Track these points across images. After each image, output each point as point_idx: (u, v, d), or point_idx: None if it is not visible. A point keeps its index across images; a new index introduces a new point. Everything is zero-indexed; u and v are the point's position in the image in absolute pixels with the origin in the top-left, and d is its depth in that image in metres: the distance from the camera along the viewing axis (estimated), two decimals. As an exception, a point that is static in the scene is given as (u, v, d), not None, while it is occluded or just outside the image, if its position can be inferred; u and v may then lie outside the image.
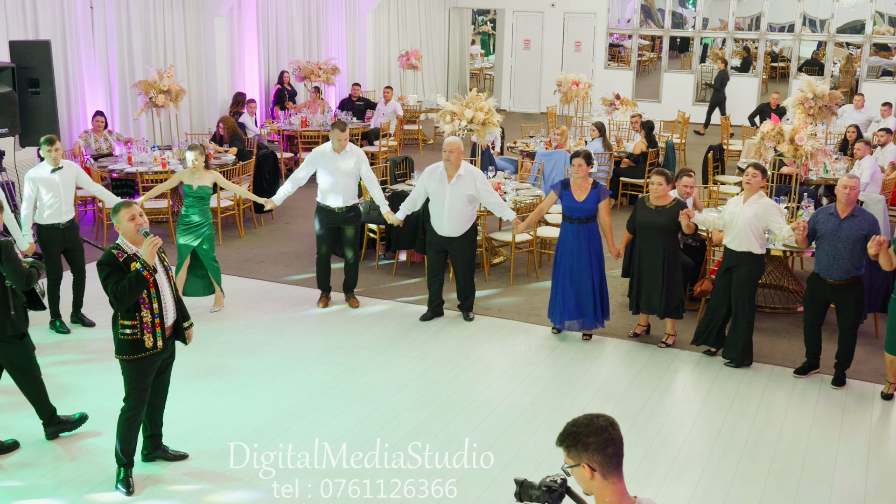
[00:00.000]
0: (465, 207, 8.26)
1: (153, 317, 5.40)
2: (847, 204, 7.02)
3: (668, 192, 7.83)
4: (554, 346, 8.10)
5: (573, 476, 3.07)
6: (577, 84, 15.39)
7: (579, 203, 7.86)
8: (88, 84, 12.66)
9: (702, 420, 6.74)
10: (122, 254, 5.35)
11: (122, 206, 5.43)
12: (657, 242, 7.83)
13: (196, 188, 8.40)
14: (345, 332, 8.24)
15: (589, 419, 3.02)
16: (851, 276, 7.05)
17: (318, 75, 15.85)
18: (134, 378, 5.47)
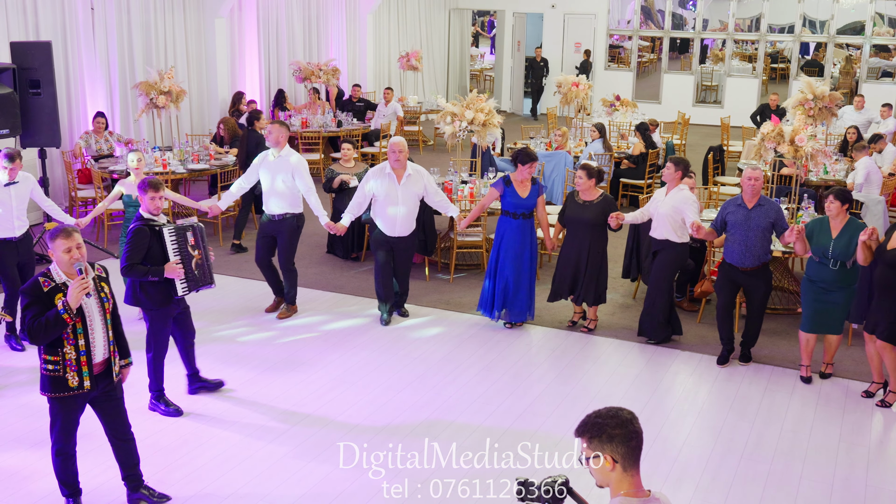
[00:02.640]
0: (415, 206, 8.29)
1: (78, 354, 4.95)
2: (753, 194, 7.39)
3: (592, 186, 8.10)
4: (553, 347, 8.11)
5: (590, 467, 3.07)
6: (577, 85, 15.39)
7: (523, 199, 8.11)
8: (89, 85, 12.67)
9: (702, 421, 6.75)
10: (48, 283, 4.90)
11: (60, 234, 4.93)
12: (584, 235, 8.11)
13: (135, 198, 7.94)
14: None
15: (613, 411, 3.04)
16: (762, 261, 7.42)
17: (319, 76, 15.86)
18: (57, 415, 5.08)
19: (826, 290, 7.14)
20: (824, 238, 7.07)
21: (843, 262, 7.01)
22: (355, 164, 10.56)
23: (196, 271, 6.53)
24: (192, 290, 6.55)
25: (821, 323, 7.24)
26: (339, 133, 14.70)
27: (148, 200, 6.33)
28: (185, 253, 6.44)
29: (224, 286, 9.28)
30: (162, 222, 6.46)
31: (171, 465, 5.90)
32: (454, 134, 10.26)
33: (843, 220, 7.06)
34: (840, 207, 7.02)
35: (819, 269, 7.12)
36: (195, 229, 6.60)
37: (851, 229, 7.00)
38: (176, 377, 6.94)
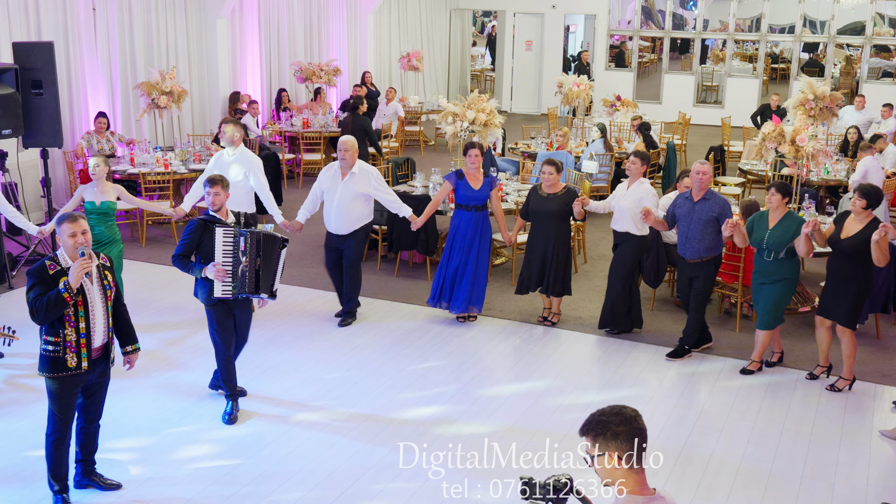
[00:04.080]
0: (355, 205, 8.21)
1: (78, 336, 5.11)
2: (700, 188, 7.56)
3: (558, 180, 8.24)
4: (556, 345, 8.13)
5: (596, 466, 3.09)
6: (578, 85, 15.40)
7: (476, 192, 8.26)
8: (91, 85, 12.68)
9: (703, 420, 6.76)
10: (54, 266, 5.08)
11: (66, 219, 5.12)
12: (548, 228, 8.24)
13: (99, 204, 7.82)
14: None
15: (617, 409, 3.07)
16: (703, 256, 7.58)
17: (320, 76, 15.87)
18: (56, 396, 5.21)
19: (762, 282, 7.37)
20: (761, 230, 7.32)
21: (776, 253, 7.22)
22: (357, 165, 10.56)
23: (243, 277, 6.23)
24: (236, 296, 6.27)
25: (758, 314, 7.46)
26: (340, 133, 14.69)
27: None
28: (234, 256, 6.19)
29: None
30: (223, 221, 6.28)
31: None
32: (455, 134, 10.27)
33: (782, 212, 7.28)
34: (780, 200, 7.25)
35: (757, 259, 7.40)
36: (251, 235, 6.24)
37: (787, 221, 7.23)
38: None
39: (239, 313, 6.51)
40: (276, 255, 6.39)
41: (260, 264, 6.28)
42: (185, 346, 7.93)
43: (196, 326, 8.35)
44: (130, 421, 6.51)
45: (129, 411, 6.64)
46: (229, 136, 8.28)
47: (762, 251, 7.29)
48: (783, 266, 7.27)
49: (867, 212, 6.93)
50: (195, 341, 8.01)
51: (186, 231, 6.29)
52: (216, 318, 6.41)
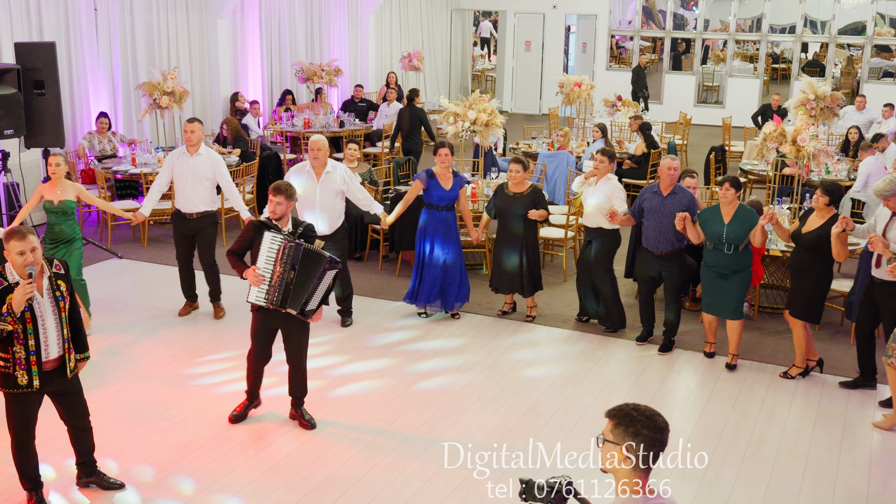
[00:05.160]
0: (335, 203, 8.24)
1: (27, 353, 4.93)
2: (669, 183, 7.72)
3: (525, 178, 8.29)
4: (557, 346, 8.14)
5: (604, 449, 3.10)
6: (579, 85, 15.41)
7: (447, 192, 8.34)
8: (92, 86, 12.70)
9: (704, 420, 6.77)
10: (1, 282, 4.88)
11: (13, 235, 4.86)
12: (516, 227, 8.31)
13: (58, 203, 7.69)
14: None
15: (651, 413, 3.07)
16: (675, 247, 7.78)
17: (321, 77, 15.89)
18: (11, 410, 5.08)
19: (721, 275, 7.50)
20: (717, 224, 7.42)
21: (736, 247, 7.37)
22: (358, 165, 10.59)
23: (277, 287, 6.01)
24: (267, 305, 6.07)
25: (717, 306, 7.61)
26: (341, 133, 14.71)
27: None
28: (272, 265, 6.02)
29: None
30: (276, 227, 6.09)
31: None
32: (457, 134, 10.28)
33: (734, 206, 7.43)
34: (734, 194, 7.40)
35: (714, 254, 7.50)
36: (293, 247, 5.99)
37: (743, 215, 7.39)
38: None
39: (285, 330, 6.27)
40: (317, 273, 6.03)
41: (293, 278, 5.99)
42: (187, 345, 7.94)
43: (197, 327, 8.36)
44: (132, 419, 6.52)
45: (129, 412, 6.65)
46: (198, 136, 8.30)
47: (720, 245, 7.42)
48: (742, 257, 7.46)
49: (829, 208, 7.12)
50: (196, 341, 8.03)
51: (244, 229, 6.23)
52: (252, 323, 6.31)
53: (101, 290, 9.23)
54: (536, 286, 8.59)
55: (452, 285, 8.51)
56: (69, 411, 5.36)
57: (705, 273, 7.63)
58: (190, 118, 8.42)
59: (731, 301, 7.53)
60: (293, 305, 6.06)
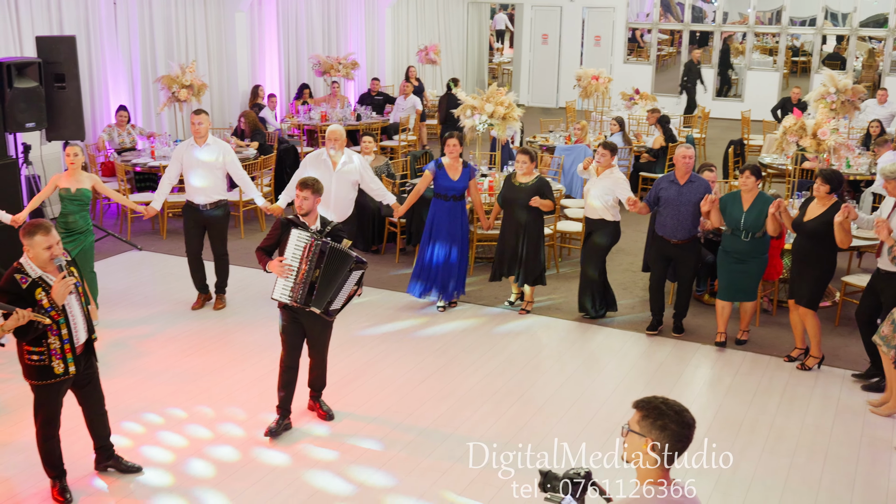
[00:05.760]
0: (350, 193, 8.36)
1: (62, 343, 5.08)
2: (685, 172, 7.84)
3: (532, 169, 8.33)
4: (574, 339, 8.14)
5: (628, 439, 3.10)
6: (597, 79, 15.35)
7: (454, 182, 8.40)
8: (112, 79, 12.77)
9: (723, 414, 6.75)
10: (25, 279, 4.96)
11: (38, 230, 4.98)
12: (520, 216, 8.34)
13: (75, 191, 7.78)
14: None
15: (680, 408, 3.07)
16: (691, 235, 7.88)
17: (338, 70, 15.90)
18: (42, 402, 5.21)
19: (739, 259, 7.61)
20: (736, 211, 7.55)
21: (753, 234, 7.49)
22: (375, 158, 10.60)
23: (302, 285, 5.93)
24: (291, 303, 5.98)
25: (735, 291, 7.74)
26: (358, 126, 14.74)
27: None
28: (298, 262, 5.93)
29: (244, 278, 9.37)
30: (304, 224, 6.03)
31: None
32: (474, 127, 10.27)
33: (754, 194, 7.54)
34: (754, 182, 7.53)
35: (732, 240, 7.61)
36: (319, 244, 5.92)
37: (761, 202, 7.49)
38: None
39: (308, 325, 6.21)
40: (343, 272, 5.94)
41: (318, 276, 5.92)
42: (204, 337, 7.98)
43: (214, 319, 8.41)
44: (151, 408, 6.57)
45: (152, 401, 6.70)
46: (206, 127, 8.36)
47: (738, 232, 7.53)
48: (759, 244, 7.57)
49: (830, 196, 7.21)
50: (214, 333, 8.07)
51: (273, 227, 6.15)
52: (281, 321, 6.22)
53: (119, 281, 9.29)
54: (537, 279, 8.52)
55: (452, 275, 8.56)
56: (89, 396, 5.48)
57: (722, 258, 7.73)
58: (196, 110, 8.48)
59: (746, 285, 7.68)
60: (317, 304, 5.99)
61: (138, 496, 5.52)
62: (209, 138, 8.39)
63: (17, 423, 6.32)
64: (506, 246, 8.49)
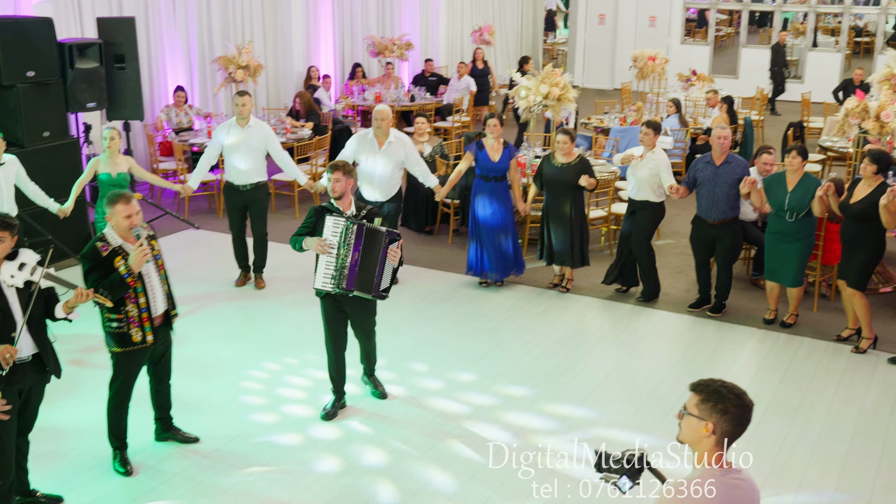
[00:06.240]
0: (395, 173, 8.35)
1: (140, 311, 5.27)
2: (721, 152, 7.82)
3: (572, 149, 8.33)
4: (628, 321, 8.09)
5: (685, 421, 3.08)
6: (654, 60, 15.15)
7: (495, 163, 8.40)
8: (170, 60, 12.95)
9: (778, 400, 6.66)
10: (106, 247, 5.17)
11: (119, 199, 5.18)
12: (564, 198, 8.35)
13: (115, 176, 7.94)
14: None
15: (739, 391, 3.06)
16: (728, 216, 7.86)
17: (392, 51, 15.92)
18: (119, 368, 5.41)
19: (783, 240, 7.61)
20: (781, 192, 7.52)
21: (798, 214, 7.45)
22: (429, 139, 10.62)
23: (343, 271, 5.87)
24: (337, 288, 5.90)
25: (778, 272, 7.72)
26: (412, 108, 14.76)
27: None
28: (335, 249, 5.87)
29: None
30: (338, 210, 5.98)
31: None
32: (528, 108, 10.22)
33: (800, 174, 7.49)
34: (801, 163, 7.47)
35: (777, 221, 7.61)
36: (355, 228, 5.87)
37: (806, 183, 7.45)
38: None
39: (352, 312, 6.20)
40: (378, 250, 5.89)
41: (358, 259, 5.87)
42: (256, 316, 8.11)
43: (271, 297, 8.52)
44: (207, 385, 6.70)
45: (207, 379, 6.83)
46: (249, 108, 8.42)
47: (782, 213, 7.52)
48: (804, 226, 7.53)
49: (876, 176, 7.16)
50: (271, 310, 8.19)
51: (306, 216, 6.11)
52: (323, 311, 6.19)
53: (177, 259, 9.45)
54: (584, 260, 8.59)
55: (502, 255, 8.59)
56: (161, 368, 5.68)
57: (768, 239, 7.76)
58: (239, 91, 8.57)
59: (791, 267, 7.63)
60: (362, 288, 5.92)
61: (197, 468, 5.66)
62: (251, 120, 8.46)
63: (78, 402, 6.49)
64: (553, 231, 8.50)
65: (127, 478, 5.53)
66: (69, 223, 8.56)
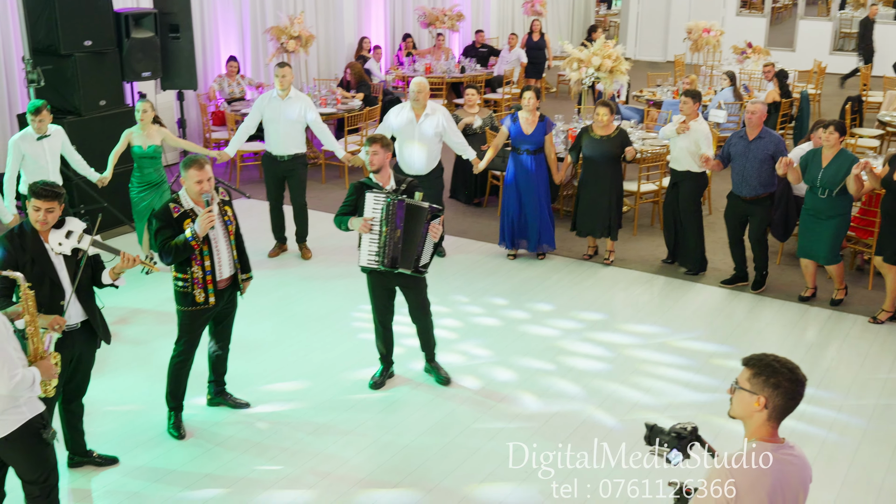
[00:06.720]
0: (433, 145, 8.33)
1: (204, 273, 5.40)
2: (753, 127, 7.70)
3: (612, 121, 8.32)
4: (678, 296, 8.03)
5: (735, 395, 3.07)
6: (708, 31, 14.90)
7: (528, 135, 8.39)
8: (223, 30, 13.04)
9: (829, 378, 6.59)
10: (178, 208, 5.35)
11: (192, 164, 5.32)
12: (603, 169, 8.35)
13: (146, 148, 8.02)
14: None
15: (792, 366, 3.05)
16: (759, 192, 7.76)
17: (443, 22, 15.85)
18: (184, 326, 5.57)
19: (815, 217, 7.48)
20: (815, 167, 7.41)
21: (831, 191, 7.31)
22: (479, 110, 10.57)
23: (386, 247, 5.86)
24: (381, 265, 5.91)
25: (810, 249, 7.59)
26: (462, 79, 14.70)
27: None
28: (378, 225, 5.86)
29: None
30: (377, 186, 5.96)
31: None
32: (580, 81, 10.14)
33: (836, 150, 7.35)
34: (837, 139, 7.32)
35: (811, 197, 7.50)
36: (395, 204, 5.84)
37: (841, 159, 7.31)
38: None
39: (402, 289, 6.17)
40: (421, 225, 5.86)
41: (401, 236, 5.85)
42: (312, 283, 8.20)
43: (321, 267, 8.60)
44: (257, 352, 6.81)
45: (257, 346, 6.94)
46: (289, 79, 8.46)
47: (816, 189, 7.40)
48: (837, 203, 7.38)
49: None
50: (322, 279, 8.27)
51: (347, 194, 6.10)
52: (369, 285, 6.19)
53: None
54: (613, 232, 8.60)
55: (535, 227, 8.60)
56: (222, 332, 5.82)
57: (803, 216, 7.67)
58: (280, 62, 8.61)
59: (824, 245, 7.49)
60: (405, 265, 5.91)
61: (250, 431, 5.78)
62: (291, 91, 8.50)
63: (121, 372, 6.64)
64: (590, 202, 8.48)
65: (180, 441, 5.66)
66: (121, 191, 8.68)
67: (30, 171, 7.52)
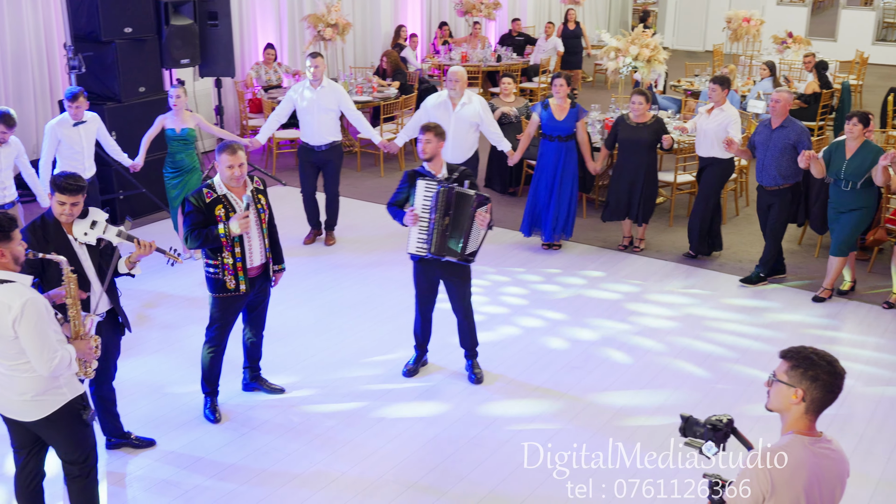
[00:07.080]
0: (469, 134, 8.29)
1: (234, 261, 5.42)
2: (777, 115, 7.58)
3: (647, 109, 8.36)
4: (715, 288, 7.97)
5: (773, 388, 3.06)
6: (748, 21, 14.71)
7: (560, 122, 8.37)
8: (260, 17, 13.10)
9: (868, 373, 6.50)
10: (211, 194, 5.37)
11: (225, 149, 5.35)
12: (639, 156, 8.36)
13: (179, 131, 8.08)
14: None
15: (831, 359, 3.01)
16: (780, 183, 7.64)
17: (480, 10, 15.80)
18: (216, 312, 5.59)
19: (839, 210, 7.40)
20: (839, 159, 7.32)
21: (854, 183, 7.22)
22: (515, 99, 10.55)
23: (435, 235, 5.86)
24: (429, 253, 5.90)
25: (835, 244, 7.50)
26: (498, 67, 14.65)
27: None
28: (428, 213, 5.87)
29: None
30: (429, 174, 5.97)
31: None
32: (617, 70, 10.06)
33: (860, 142, 7.26)
34: (861, 130, 7.23)
35: (834, 190, 7.42)
36: (444, 192, 5.84)
37: (865, 152, 7.22)
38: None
39: (446, 280, 6.14)
40: (468, 213, 5.84)
41: (448, 224, 5.85)
42: (339, 274, 8.25)
43: (354, 255, 8.64)
44: (291, 338, 6.86)
45: (292, 332, 6.99)
46: (322, 69, 8.48)
47: (839, 181, 7.32)
48: (861, 196, 7.29)
49: None
50: (354, 267, 8.32)
51: (400, 182, 6.08)
52: (415, 273, 6.18)
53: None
54: (645, 218, 8.62)
55: (549, 216, 8.58)
56: (255, 319, 5.86)
57: (829, 208, 7.58)
58: (312, 52, 8.63)
59: (840, 236, 7.41)
60: (452, 253, 5.91)
61: (285, 416, 5.84)
62: (324, 81, 8.53)
63: (157, 356, 6.72)
64: (621, 188, 8.48)
65: (216, 424, 5.73)
66: (159, 177, 8.76)
67: (65, 157, 7.64)
